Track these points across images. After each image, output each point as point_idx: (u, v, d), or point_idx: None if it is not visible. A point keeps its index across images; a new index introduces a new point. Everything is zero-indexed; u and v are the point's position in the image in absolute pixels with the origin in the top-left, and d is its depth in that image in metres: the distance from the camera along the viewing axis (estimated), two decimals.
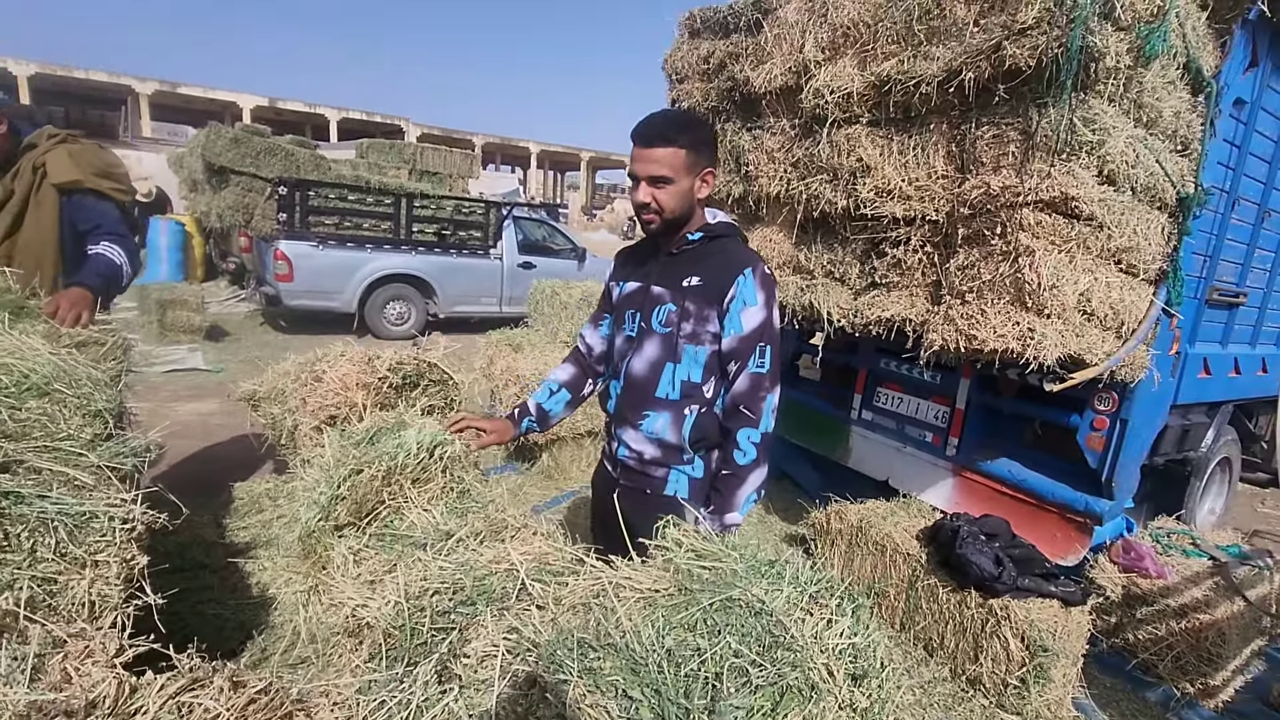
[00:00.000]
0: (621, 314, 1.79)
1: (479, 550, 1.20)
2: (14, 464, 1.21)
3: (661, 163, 1.55)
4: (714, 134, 1.69)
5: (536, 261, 9.85)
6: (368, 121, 32.05)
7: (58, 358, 1.69)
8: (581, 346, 1.94)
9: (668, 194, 1.58)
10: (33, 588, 1.06)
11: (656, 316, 1.68)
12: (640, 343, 1.71)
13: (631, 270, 1.81)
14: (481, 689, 0.84)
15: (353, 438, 1.66)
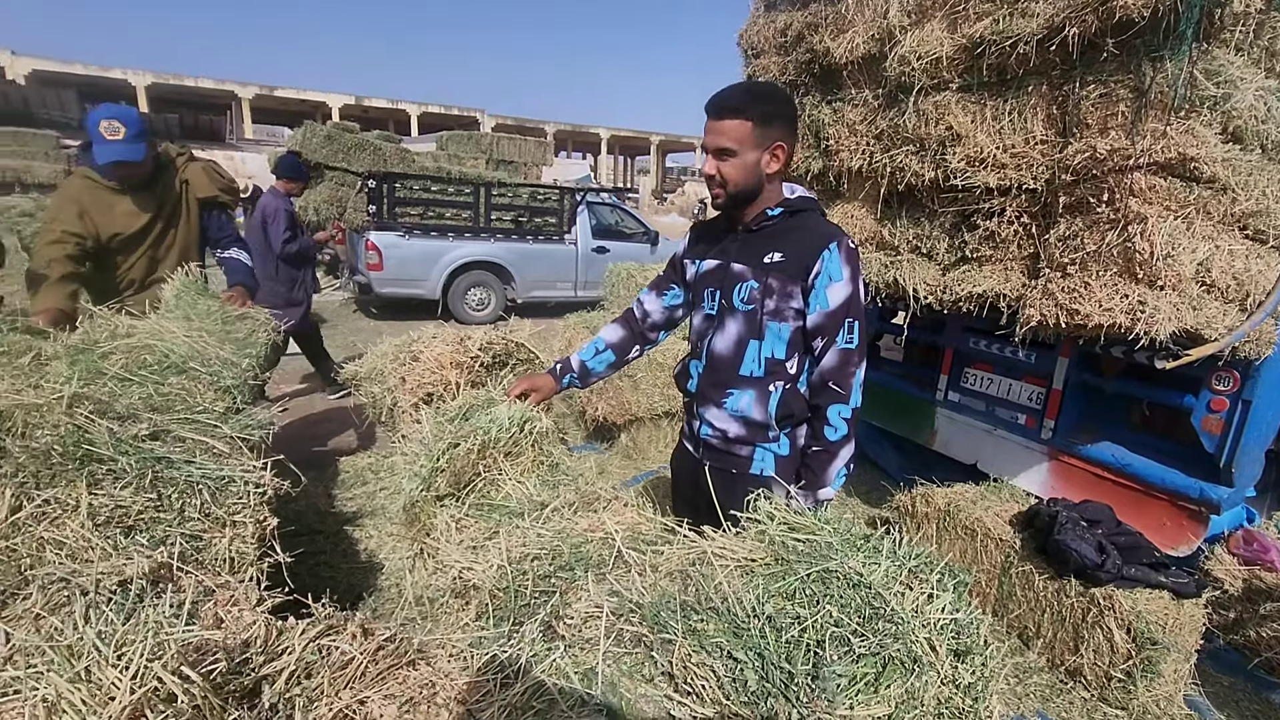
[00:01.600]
0: (699, 292, 1.78)
1: (573, 519, 1.25)
2: (163, 433, 1.35)
3: (727, 135, 1.54)
4: (791, 107, 1.64)
5: (610, 246, 9.93)
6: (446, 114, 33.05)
7: (191, 339, 1.86)
8: (637, 311, 1.95)
9: (731, 166, 1.57)
10: (183, 544, 1.18)
11: (738, 294, 1.67)
12: (721, 321, 1.71)
13: (708, 247, 1.79)
14: (586, 647, 0.88)
15: (448, 414, 1.75)
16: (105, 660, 0.65)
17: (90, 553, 1.05)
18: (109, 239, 2.65)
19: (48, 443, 1.17)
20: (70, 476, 1.14)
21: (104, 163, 2.52)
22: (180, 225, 2.86)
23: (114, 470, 1.18)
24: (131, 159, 2.54)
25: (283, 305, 4.86)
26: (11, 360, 1.64)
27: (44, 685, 0.64)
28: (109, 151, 2.51)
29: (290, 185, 5.01)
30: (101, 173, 2.61)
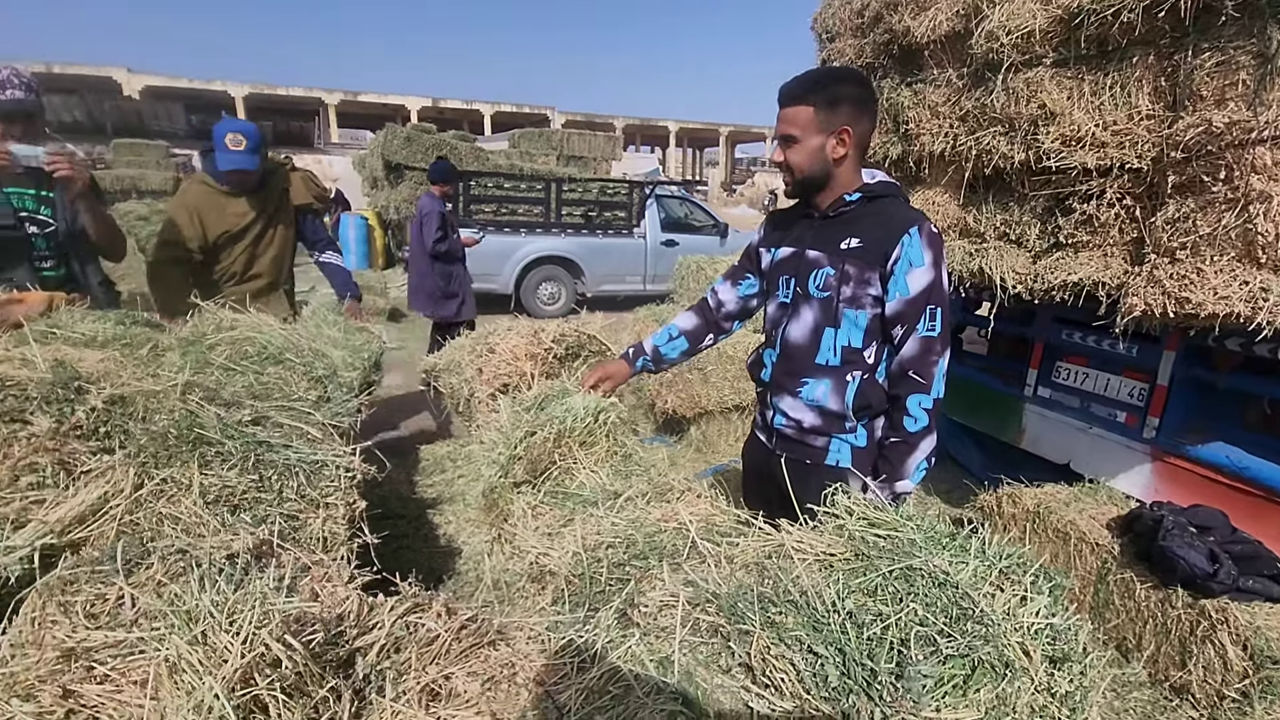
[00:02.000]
0: (774, 280, 1.76)
1: (647, 509, 1.25)
2: (263, 419, 1.44)
3: (790, 121, 1.55)
4: (863, 90, 1.59)
5: (679, 239, 9.90)
6: (517, 113, 33.76)
7: (286, 332, 1.97)
8: (711, 300, 1.94)
9: (795, 152, 1.57)
10: (281, 523, 1.26)
11: (813, 281, 1.64)
12: (796, 309, 1.68)
13: (783, 235, 1.77)
14: (661, 635, 0.88)
15: (523, 404, 1.79)
16: (219, 626, 0.70)
17: (202, 528, 1.14)
18: (216, 237, 2.88)
19: (165, 426, 1.27)
20: (184, 458, 1.24)
21: (225, 169, 2.80)
22: (279, 226, 3.09)
23: (222, 453, 1.27)
24: (248, 168, 2.81)
25: (440, 298, 5.37)
26: (133, 351, 1.79)
27: (166, 646, 0.69)
28: (230, 160, 2.77)
29: (444, 188, 5.42)
30: (217, 177, 2.86)
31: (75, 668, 0.75)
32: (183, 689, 0.65)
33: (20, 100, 2.23)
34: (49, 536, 1.04)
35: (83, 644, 0.80)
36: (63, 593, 0.92)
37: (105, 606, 0.89)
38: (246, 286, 3.01)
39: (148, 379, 1.43)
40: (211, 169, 2.88)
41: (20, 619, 0.92)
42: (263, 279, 3.08)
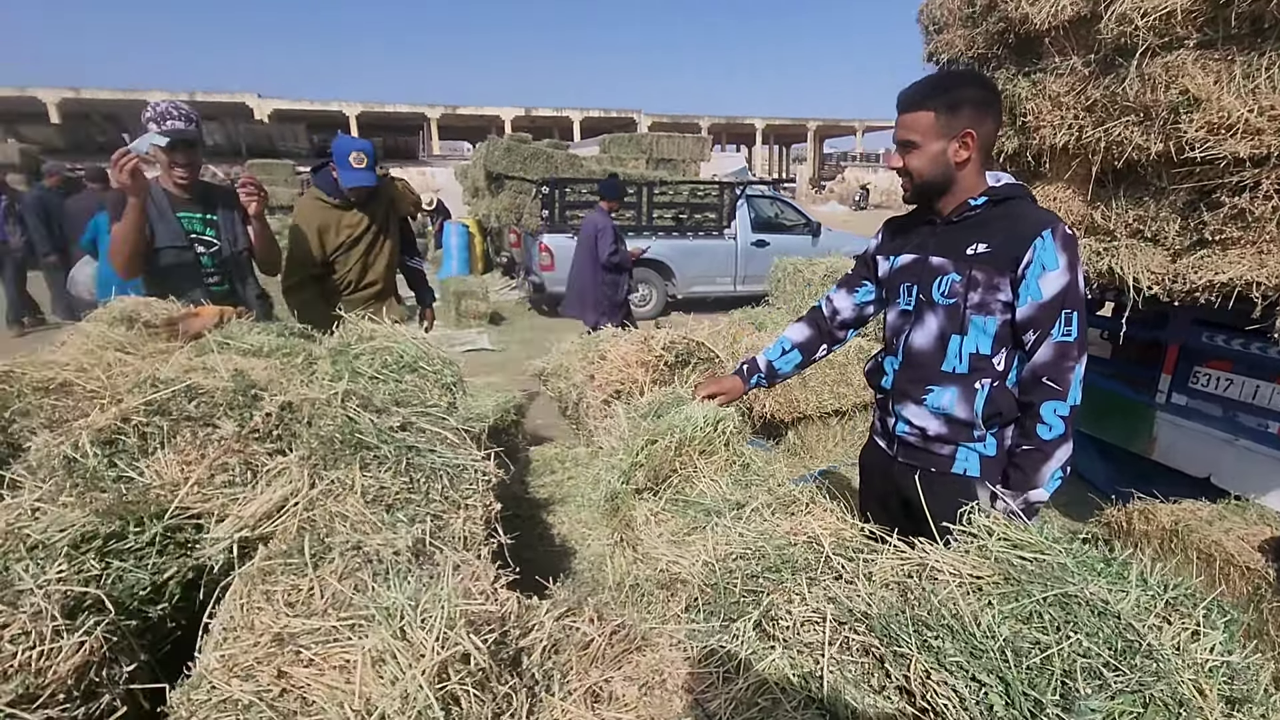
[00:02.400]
0: (895, 288, 1.75)
1: (774, 521, 1.27)
2: (409, 424, 1.56)
3: (908, 127, 1.54)
4: (987, 92, 1.56)
5: (769, 239, 9.78)
6: (605, 118, 34.32)
7: (418, 341, 2.12)
8: (825, 309, 1.93)
9: (915, 158, 1.56)
10: (428, 524, 1.36)
11: (938, 288, 1.61)
12: (920, 316, 1.66)
13: (903, 242, 1.75)
14: (805, 650, 0.90)
15: (639, 410, 1.85)
16: (416, 622, 0.78)
17: (366, 526, 1.25)
18: (334, 249, 3.11)
19: (330, 431, 1.41)
20: (347, 460, 1.36)
21: (350, 186, 3.00)
22: (387, 235, 3.30)
23: (378, 456, 1.39)
24: (369, 184, 3.01)
25: (606, 307, 5.71)
26: (291, 360, 1.98)
27: (369, 637, 0.78)
28: (355, 178, 2.97)
29: (612, 204, 5.82)
30: (329, 191, 3.07)
31: (286, 652, 0.85)
32: (386, 678, 0.73)
33: (181, 130, 2.51)
34: (245, 530, 1.18)
35: (286, 629, 0.91)
36: (263, 581, 1.05)
37: (300, 596, 1.00)
38: (362, 294, 3.24)
39: (313, 387, 1.58)
40: (323, 184, 3.09)
41: (227, 603, 1.06)
42: (376, 286, 3.31)
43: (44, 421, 1.49)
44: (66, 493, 1.15)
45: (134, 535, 1.10)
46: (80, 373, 1.68)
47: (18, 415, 1.47)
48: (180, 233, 2.58)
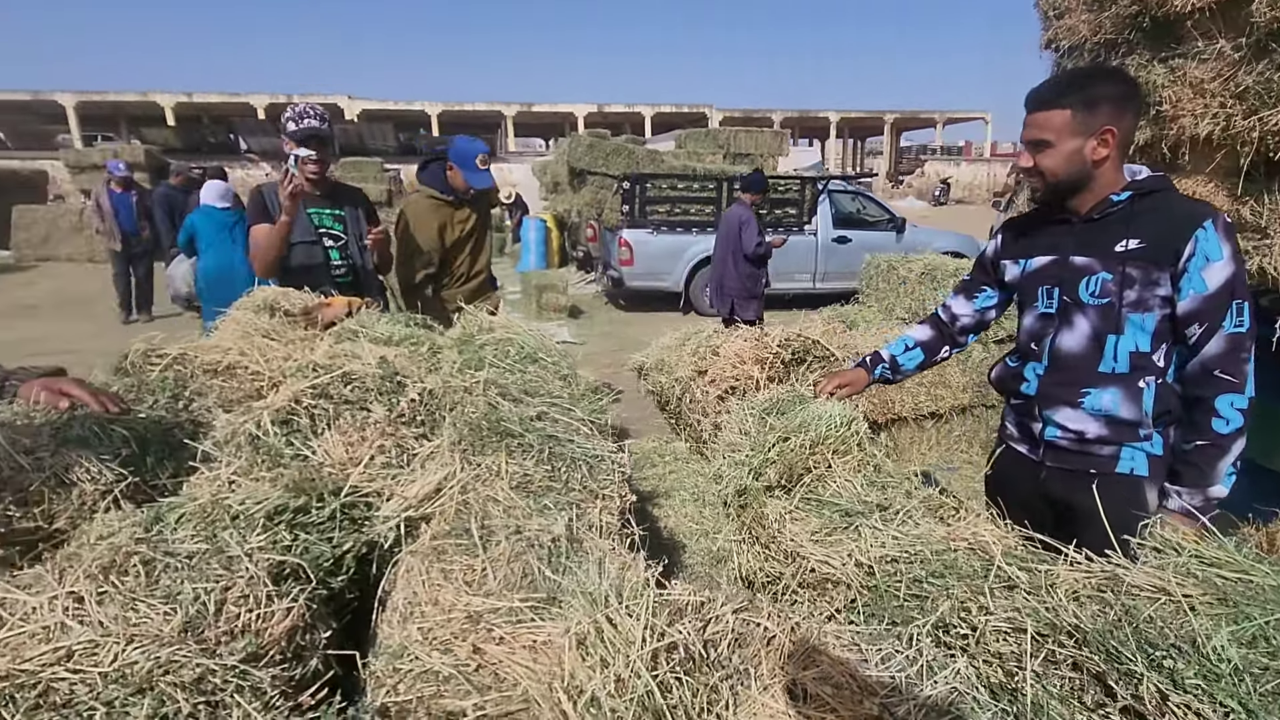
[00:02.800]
0: (1030, 291, 1.70)
1: (930, 526, 1.23)
2: (544, 414, 1.60)
3: (1041, 126, 1.51)
4: (1125, 87, 1.51)
5: (851, 235, 9.53)
6: (676, 113, 34.25)
7: (536, 333, 2.17)
8: (944, 315, 1.92)
9: (1049, 158, 1.52)
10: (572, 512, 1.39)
11: (1085, 288, 1.56)
12: (1067, 318, 1.61)
13: (1033, 244, 1.70)
14: (993, 661, 0.87)
15: (759, 407, 1.83)
16: (622, 608, 0.80)
17: (517, 511, 1.29)
18: (451, 245, 3.22)
19: (476, 418, 1.46)
20: (494, 446, 1.41)
21: (478, 187, 3.15)
22: (489, 228, 3.46)
23: (523, 444, 1.43)
24: (493, 184, 3.17)
25: (746, 298, 5.81)
26: (417, 349, 2.07)
27: (575, 621, 0.80)
28: (481, 179, 3.12)
29: (755, 197, 5.91)
30: (441, 189, 3.18)
31: (479, 629, 0.89)
32: (591, 662, 0.75)
33: (315, 128, 2.66)
34: (410, 510, 1.24)
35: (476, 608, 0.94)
36: (438, 560, 1.10)
37: (475, 576, 1.05)
38: (469, 286, 3.36)
39: (439, 376, 1.65)
40: (434, 182, 3.18)
41: (404, 579, 1.11)
42: (481, 277, 3.43)
43: (218, 401, 1.61)
44: (257, 468, 1.23)
45: (316, 510, 1.17)
46: (242, 356, 1.80)
47: (195, 395, 1.60)
48: (310, 228, 2.73)
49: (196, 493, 1.14)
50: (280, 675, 0.87)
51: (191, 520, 1.07)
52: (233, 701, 0.80)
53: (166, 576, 0.91)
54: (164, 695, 0.76)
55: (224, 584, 0.92)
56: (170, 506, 1.09)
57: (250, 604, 0.92)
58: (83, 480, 1.16)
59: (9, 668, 0.73)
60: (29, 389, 1.33)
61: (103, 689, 0.74)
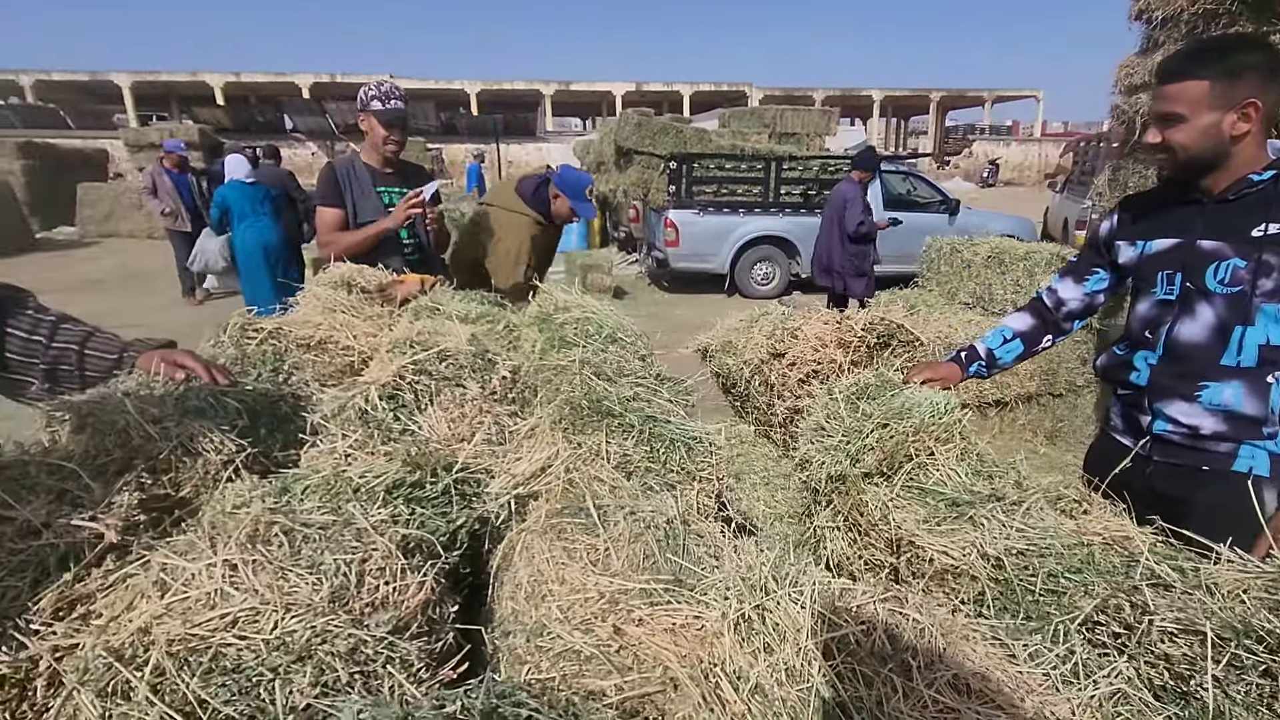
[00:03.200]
0: (1148, 276, 1.61)
1: (1056, 519, 1.18)
2: (638, 394, 1.58)
3: (1173, 98, 1.43)
4: (1270, 57, 1.40)
5: (902, 217, 9.28)
6: (715, 91, 33.72)
7: (614, 312, 2.15)
8: (1048, 299, 1.83)
9: (1180, 132, 1.43)
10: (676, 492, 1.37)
11: (1213, 275, 1.47)
12: (1188, 306, 1.52)
13: (1155, 225, 1.61)
14: (1157, 663, 0.83)
15: (845, 392, 1.79)
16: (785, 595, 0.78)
17: (622, 492, 1.28)
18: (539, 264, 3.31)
19: (575, 398, 1.45)
20: (594, 426, 1.40)
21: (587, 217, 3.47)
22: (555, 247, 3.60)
23: (622, 424, 1.42)
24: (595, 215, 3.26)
25: (854, 275, 5.95)
26: (494, 327, 2.07)
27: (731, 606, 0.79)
28: (588, 210, 3.27)
29: (863, 175, 6.05)
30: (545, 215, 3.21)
31: (619, 610, 0.88)
32: (752, 647, 0.73)
33: (401, 110, 2.68)
34: (520, 487, 1.23)
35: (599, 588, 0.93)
36: (558, 538, 1.09)
37: (598, 555, 1.04)
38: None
39: (550, 355, 1.64)
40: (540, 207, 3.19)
41: (522, 558, 1.11)
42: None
43: (315, 375, 1.63)
44: (372, 442, 1.24)
45: (430, 485, 1.18)
46: (333, 331, 1.82)
47: (293, 368, 1.62)
48: (380, 207, 2.75)
49: (319, 465, 1.15)
50: (423, 648, 0.87)
51: (317, 492, 1.08)
52: (384, 673, 0.81)
53: (307, 547, 0.92)
54: (323, 664, 0.77)
55: (361, 555, 0.93)
56: (295, 478, 1.11)
57: (387, 576, 0.92)
58: (207, 450, 1.18)
59: (183, 632, 0.74)
60: (148, 360, 1.36)
61: (267, 656, 0.75)
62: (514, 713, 0.71)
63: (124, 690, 0.70)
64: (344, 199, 2.67)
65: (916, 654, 0.80)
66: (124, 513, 1.02)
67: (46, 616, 0.86)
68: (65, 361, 1.37)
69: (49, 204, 15.18)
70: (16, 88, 30.22)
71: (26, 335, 1.34)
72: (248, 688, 0.73)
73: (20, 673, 0.80)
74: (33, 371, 1.35)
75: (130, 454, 1.13)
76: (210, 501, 1.07)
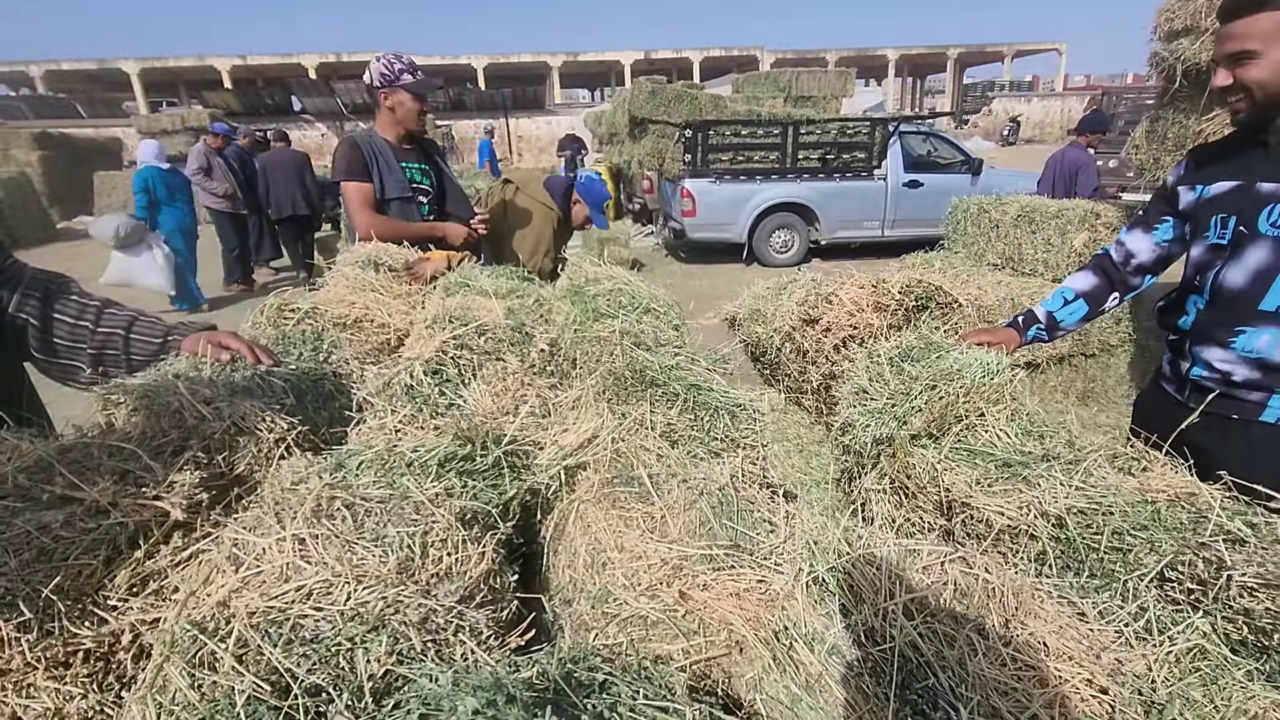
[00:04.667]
0: (1203, 220, 1.56)
1: (1117, 476, 1.16)
2: (680, 363, 1.57)
3: (1243, 35, 1.35)
4: None
5: (923, 179, 9.09)
6: (726, 57, 33.01)
7: (645, 284, 2.13)
8: (1116, 253, 1.77)
9: (1257, 69, 1.34)
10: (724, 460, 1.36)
11: (1266, 218, 1.42)
12: (1239, 250, 1.47)
13: (1217, 169, 1.55)
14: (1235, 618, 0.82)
15: (885, 354, 1.76)
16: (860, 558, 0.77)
17: (668, 460, 1.27)
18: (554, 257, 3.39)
19: (619, 368, 1.44)
20: (638, 396, 1.39)
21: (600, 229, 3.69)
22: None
23: (666, 393, 1.41)
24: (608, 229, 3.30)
25: None
26: (524, 302, 2.06)
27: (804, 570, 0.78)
28: (603, 223, 3.43)
29: (1092, 138, 5.78)
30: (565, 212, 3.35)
31: (683, 575, 0.88)
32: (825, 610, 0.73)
33: (431, 82, 2.68)
34: (569, 458, 1.23)
35: (660, 554, 0.93)
36: (613, 507, 1.09)
37: (654, 523, 1.04)
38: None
39: (586, 325, 1.63)
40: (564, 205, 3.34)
41: (577, 527, 1.12)
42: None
43: (353, 354, 1.64)
44: (423, 417, 1.25)
45: (480, 458, 1.18)
46: (368, 310, 1.83)
47: (332, 347, 1.62)
48: (405, 183, 2.73)
49: (371, 440, 1.15)
50: (489, 616, 0.88)
51: (372, 467, 1.09)
52: (455, 641, 0.82)
53: (369, 520, 0.93)
54: (397, 634, 0.78)
55: (423, 528, 0.93)
56: (350, 453, 1.11)
57: (449, 547, 0.93)
58: (259, 428, 1.19)
59: (261, 604, 0.75)
60: (193, 342, 1.36)
61: (343, 626, 0.76)
62: (589, 677, 0.71)
63: (209, 661, 0.71)
64: (370, 173, 2.65)
65: (990, 613, 0.79)
66: (186, 491, 1.03)
67: (123, 593, 0.88)
68: (112, 346, 1.38)
69: (67, 194, 15.34)
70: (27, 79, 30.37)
71: (74, 321, 1.36)
72: (327, 657, 0.73)
73: (104, 646, 0.82)
74: (80, 356, 1.37)
75: (186, 434, 1.15)
76: (269, 478, 1.08)
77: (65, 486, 0.96)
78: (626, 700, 0.67)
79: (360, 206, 2.61)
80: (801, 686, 0.72)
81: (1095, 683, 0.73)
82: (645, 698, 0.68)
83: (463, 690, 0.58)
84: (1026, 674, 0.71)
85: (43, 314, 1.34)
